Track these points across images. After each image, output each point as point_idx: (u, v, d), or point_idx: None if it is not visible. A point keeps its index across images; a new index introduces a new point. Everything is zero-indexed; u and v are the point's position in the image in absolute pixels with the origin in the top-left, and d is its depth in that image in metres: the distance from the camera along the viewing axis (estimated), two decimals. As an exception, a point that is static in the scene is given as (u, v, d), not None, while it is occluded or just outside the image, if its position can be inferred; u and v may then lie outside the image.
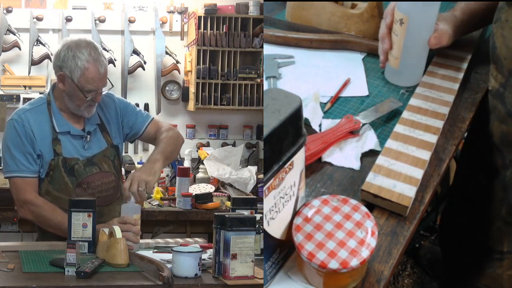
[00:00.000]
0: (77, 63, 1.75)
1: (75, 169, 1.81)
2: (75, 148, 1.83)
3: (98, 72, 1.77)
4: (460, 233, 2.09)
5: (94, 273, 1.41)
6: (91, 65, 1.76)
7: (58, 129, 1.81)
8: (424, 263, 2.75)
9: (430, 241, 2.89)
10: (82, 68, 1.75)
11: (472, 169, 1.97)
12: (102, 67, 1.78)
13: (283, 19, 2.18)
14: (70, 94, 1.80)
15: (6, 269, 1.44)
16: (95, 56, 1.77)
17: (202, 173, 3.06)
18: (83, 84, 1.76)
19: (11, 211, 2.60)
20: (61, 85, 1.80)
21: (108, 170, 1.86)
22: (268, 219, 1.05)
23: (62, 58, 1.78)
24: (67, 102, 1.81)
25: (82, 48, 1.77)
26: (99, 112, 1.89)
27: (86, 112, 1.82)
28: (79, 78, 1.76)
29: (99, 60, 1.78)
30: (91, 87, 1.77)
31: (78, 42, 1.79)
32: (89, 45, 1.79)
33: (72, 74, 1.76)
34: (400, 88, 1.83)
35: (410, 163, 1.44)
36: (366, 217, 1.13)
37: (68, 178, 1.80)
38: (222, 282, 1.40)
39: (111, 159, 1.88)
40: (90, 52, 1.76)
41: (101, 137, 1.88)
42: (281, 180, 1.04)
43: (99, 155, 1.85)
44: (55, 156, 1.79)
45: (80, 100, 1.79)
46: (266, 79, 1.87)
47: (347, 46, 2.02)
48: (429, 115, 1.62)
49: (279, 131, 0.98)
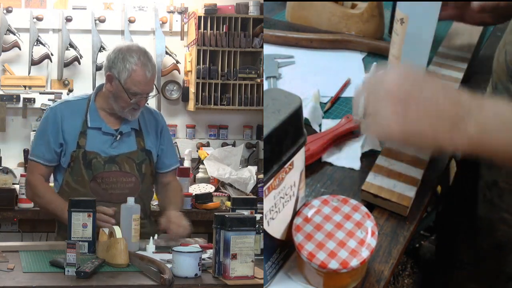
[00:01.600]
0: (126, 65, 1.83)
1: (92, 163, 1.87)
2: (102, 144, 1.89)
3: (145, 76, 1.84)
4: (456, 236, 2.07)
5: (94, 273, 1.41)
6: (139, 68, 1.84)
7: (90, 124, 1.89)
8: (424, 263, 2.75)
9: (430, 241, 2.89)
10: (130, 70, 1.83)
11: (470, 173, 1.95)
12: (150, 72, 1.86)
13: (283, 19, 2.18)
14: (116, 96, 1.87)
15: (6, 269, 1.44)
16: (144, 60, 1.85)
17: (202, 173, 3.06)
18: (129, 86, 1.84)
19: (11, 211, 2.60)
20: (108, 86, 1.88)
21: (130, 171, 1.91)
22: (268, 219, 1.05)
23: (112, 59, 1.86)
24: (112, 103, 1.89)
25: (132, 52, 1.85)
26: (140, 120, 1.96)
27: (130, 115, 1.89)
28: (126, 80, 1.83)
29: (147, 65, 1.85)
30: (136, 90, 1.84)
31: (130, 46, 1.88)
32: (139, 50, 1.87)
33: (120, 75, 1.84)
34: (400, 88, 1.82)
35: (410, 163, 1.44)
36: (366, 217, 1.13)
37: (85, 171, 1.87)
38: (222, 282, 1.40)
39: (137, 162, 1.92)
40: (139, 56, 1.84)
41: (133, 141, 1.94)
42: (281, 180, 1.04)
43: (123, 156, 1.91)
44: (77, 148, 1.87)
45: (124, 102, 1.86)
46: (266, 79, 1.87)
47: (347, 46, 2.02)
48: (429, 115, 1.61)
49: (279, 131, 0.98)
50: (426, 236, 2.92)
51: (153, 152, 1.96)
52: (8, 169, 3.07)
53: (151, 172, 1.97)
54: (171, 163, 2.05)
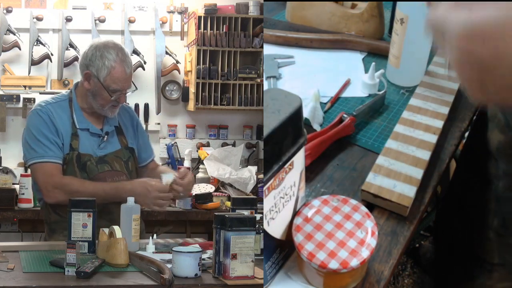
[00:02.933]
0: (104, 63, 1.81)
1: (87, 165, 1.85)
2: (91, 145, 1.87)
3: (124, 73, 1.83)
4: (453, 238, 2.07)
5: (94, 273, 1.41)
6: (118, 65, 1.82)
7: (78, 125, 1.86)
8: (424, 263, 2.75)
9: (430, 241, 2.89)
10: (109, 68, 1.81)
11: (469, 174, 1.95)
12: (129, 68, 1.84)
13: (283, 19, 2.18)
14: (95, 93, 1.84)
15: (6, 269, 1.44)
16: (122, 57, 1.83)
17: (202, 173, 3.06)
18: (109, 83, 1.82)
19: (11, 211, 2.60)
20: (86, 84, 1.85)
21: (120, 169, 1.90)
22: (268, 219, 1.05)
23: (90, 57, 1.83)
24: (91, 101, 1.86)
25: (109, 49, 1.82)
26: (117, 117, 1.94)
27: (110, 112, 1.87)
28: (105, 77, 1.82)
29: (126, 61, 1.84)
30: (116, 87, 1.83)
31: (106, 43, 1.85)
32: (116, 46, 1.85)
33: (99, 73, 1.82)
34: (400, 88, 1.83)
35: (410, 163, 1.44)
36: (366, 217, 1.13)
37: (79, 174, 1.84)
38: (222, 282, 1.40)
39: (124, 160, 1.92)
40: (117, 53, 1.82)
41: (116, 139, 1.93)
42: (281, 180, 1.04)
43: (111, 155, 1.89)
44: (71, 150, 1.84)
45: (104, 100, 1.84)
46: (266, 79, 1.87)
47: (347, 46, 2.02)
48: (429, 115, 1.62)
49: (279, 131, 0.98)
50: (426, 236, 2.92)
51: (135, 149, 1.96)
52: (8, 169, 3.06)
53: (136, 169, 1.97)
54: (149, 155, 2.05)
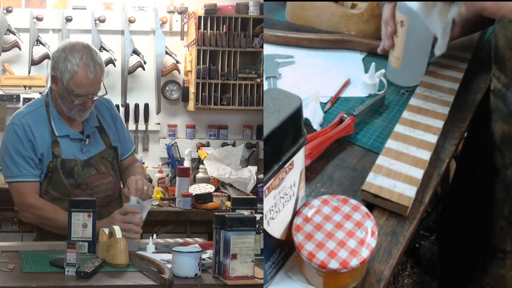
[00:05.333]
0: (67, 66, 1.74)
1: (74, 170, 1.81)
2: (73, 150, 1.82)
3: (87, 77, 1.74)
4: (462, 232, 2.09)
5: (94, 273, 1.41)
6: (81, 69, 1.74)
7: (57, 133, 1.81)
8: (424, 263, 2.75)
9: (430, 241, 2.89)
10: (72, 72, 1.74)
11: (473, 168, 1.97)
12: (92, 73, 1.75)
13: (283, 19, 2.18)
14: (61, 96, 1.79)
15: (6, 269, 1.44)
16: (86, 61, 1.74)
17: (202, 173, 3.06)
18: (72, 88, 1.75)
19: (11, 211, 2.60)
20: (54, 86, 1.80)
21: (106, 171, 1.86)
22: (268, 219, 1.05)
23: (56, 59, 1.77)
24: (60, 104, 1.81)
25: (75, 52, 1.75)
26: (97, 114, 1.89)
27: (78, 116, 1.81)
28: (68, 81, 1.75)
29: (90, 65, 1.74)
30: (79, 92, 1.75)
31: (74, 45, 1.77)
32: (83, 48, 1.76)
33: (63, 76, 1.75)
34: (400, 88, 1.83)
35: (410, 163, 1.44)
36: (366, 217, 1.13)
37: (66, 180, 1.80)
38: (222, 282, 1.40)
39: (109, 160, 1.88)
40: (82, 56, 1.74)
41: (99, 139, 1.88)
42: (281, 180, 1.04)
43: (96, 157, 1.85)
44: (54, 158, 1.79)
45: (69, 104, 1.78)
46: (266, 79, 1.87)
47: (347, 46, 2.02)
48: (429, 115, 1.62)
49: (279, 131, 0.98)
50: (426, 236, 2.92)
51: (118, 147, 1.92)
52: (8, 169, 3.06)
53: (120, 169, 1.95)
54: (129, 148, 1.99)
